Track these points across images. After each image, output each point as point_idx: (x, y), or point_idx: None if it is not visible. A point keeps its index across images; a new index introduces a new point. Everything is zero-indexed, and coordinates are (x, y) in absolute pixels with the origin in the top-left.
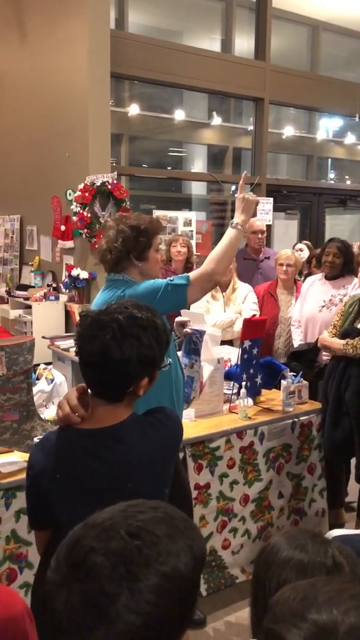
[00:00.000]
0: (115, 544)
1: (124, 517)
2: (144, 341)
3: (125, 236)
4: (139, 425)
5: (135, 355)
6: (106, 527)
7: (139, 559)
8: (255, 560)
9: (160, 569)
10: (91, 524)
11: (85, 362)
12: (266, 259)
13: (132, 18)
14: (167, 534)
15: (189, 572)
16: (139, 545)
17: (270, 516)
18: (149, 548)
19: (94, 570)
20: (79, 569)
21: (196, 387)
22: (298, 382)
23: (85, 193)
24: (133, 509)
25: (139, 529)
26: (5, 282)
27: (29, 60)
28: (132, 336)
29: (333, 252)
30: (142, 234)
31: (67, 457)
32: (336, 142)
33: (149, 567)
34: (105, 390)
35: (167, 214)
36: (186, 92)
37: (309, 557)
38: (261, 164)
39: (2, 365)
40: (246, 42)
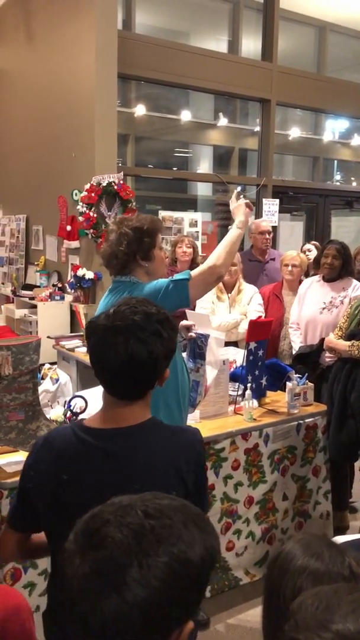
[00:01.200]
0: (130, 519)
1: (142, 499)
2: (165, 335)
3: (130, 239)
4: (157, 428)
5: (161, 351)
6: (124, 505)
7: (151, 536)
8: (269, 567)
9: (171, 549)
10: (110, 503)
11: (109, 369)
12: (271, 260)
13: (139, 19)
14: (182, 522)
15: (199, 562)
16: (152, 524)
17: (275, 518)
18: (162, 529)
19: (107, 540)
20: (93, 538)
21: (201, 391)
22: (303, 384)
23: (92, 193)
24: (152, 496)
25: (155, 510)
26: (10, 281)
27: (36, 60)
28: (154, 334)
29: (332, 254)
30: (146, 234)
31: (81, 457)
32: (343, 144)
33: (160, 545)
34: (131, 392)
35: (172, 215)
36: (192, 93)
37: (325, 566)
38: (267, 165)
39: (9, 365)
40: (253, 43)
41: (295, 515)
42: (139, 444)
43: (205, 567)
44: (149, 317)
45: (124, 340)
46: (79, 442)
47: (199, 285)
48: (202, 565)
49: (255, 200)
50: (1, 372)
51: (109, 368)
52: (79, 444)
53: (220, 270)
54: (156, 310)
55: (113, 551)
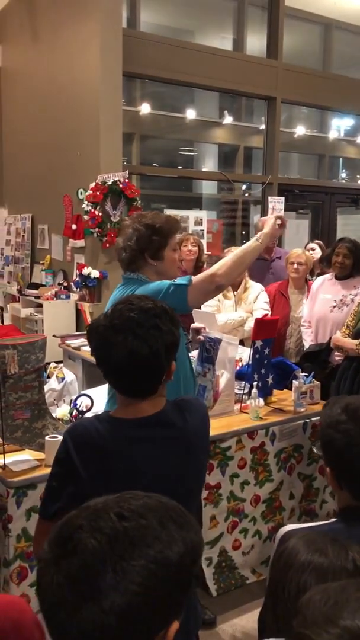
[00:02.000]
0: (102, 524)
1: (116, 501)
2: (164, 328)
3: (140, 235)
4: (177, 407)
5: (162, 345)
6: (97, 509)
7: (125, 539)
8: (273, 563)
9: (148, 551)
10: (84, 507)
11: (114, 369)
12: (277, 258)
13: (144, 17)
14: (159, 521)
15: (179, 561)
16: (126, 526)
17: (281, 517)
18: (137, 530)
19: (79, 547)
20: (66, 546)
21: (209, 397)
22: (310, 382)
23: (97, 192)
24: (127, 496)
25: (129, 511)
26: (16, 280)
27: (41, 59)
28: (153, 328)
29: (343, 252)
30: (157, 233)
31: (119, 445)
32: (348, 142)
33: (135, 548)
34: (140, 389)
35: (178, 213)
36: (197, 91)
37: (329, 561)
38: (273, 163)
39: (14, 364)
40: (258, 41)
41: (301, 514)
42: (172, 425)
43: (186, 565)
44: (146, 312)
45: (123, 338)
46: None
47: (197, 293)
48: (181, 564)
49: (260, 198)
50: (7, 370)
51: (113, 367)
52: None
53: (220, 280)
54: (153, 304)
55: (86, 558)
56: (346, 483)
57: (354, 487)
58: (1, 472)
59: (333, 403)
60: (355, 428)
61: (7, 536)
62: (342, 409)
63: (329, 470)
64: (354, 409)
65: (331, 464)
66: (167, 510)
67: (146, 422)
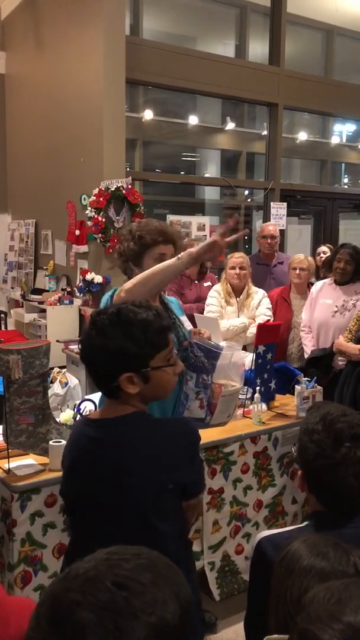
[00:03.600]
0: (102, 597)
1: (108, 566)
2: (109, 335)
3: (123, 239)
4: (144, 420)
5: (109, 344)
6: (90, 578)
7: (127, 610)
8: (275, 567)
9: (149, 620)
10: (73, 576)
11: (84, 361)
12: (279, 264)
13: (147, 24)
14: (153, 582)
15: (176, 621)
16: (125, 596)
17: (284, 522)
18: (137, 598)
19: (79, 626)
20: (63, 626)
21: (192, 406)
22: (312, 387)
23: (100, 198)
24: (116, 557)
25: (125, 578)
26: (20, 286)
27: (44, 66)
28: (100, 331)
29: (345, 258)
30: (135, 240)
31: (74, 443)
32: (350, 147)
33: (137, 620)
34: (96, 382)
35: (180, 219)
36: (200, 97)
37: (331, 566)
38: (275, 168)
39: (19, 369)
40: (260, 48)
41: (304, 519)
42: (122, 433)
43: (183, 622)
44: (117, 313)
45: (90, 330)
46: (76, 430)
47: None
48: (179, 624)
49: (263, 204)
50: (12, 376)
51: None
52: (76, 432)
53: (124, 296)
54: (134, 312)
55: (88, 638)
56: (312, 488)
57: (318, 494)
58: (5, 476)
59: (316, 408)
60: (326, 440)
61: (11, 540)
62: (320, 418)
63: (300, 472)
64: (331, 420)
65: (302, 467)
66: (158, 567)
67: (98, 423)
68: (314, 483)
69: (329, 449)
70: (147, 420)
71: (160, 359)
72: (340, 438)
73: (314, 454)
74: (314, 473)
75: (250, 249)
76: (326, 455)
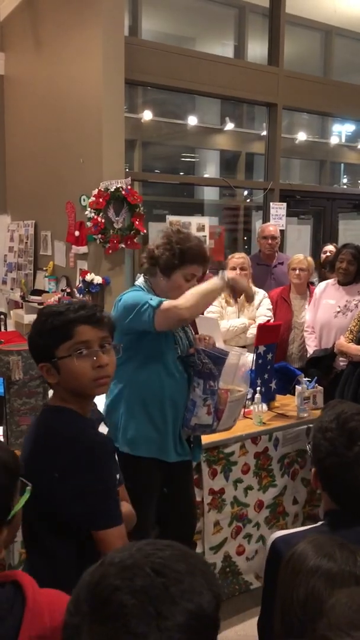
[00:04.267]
0: (140, 582)
1: (144, 554)
2: (33, 325)
3: (163, 245)
4: (44, 420)
5: (29, 339)
6: (128, 565)
7: (166, 596)
8: (281, 567)
9: (187, 606)
10: (108, 562)
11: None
12: (279, 264)
13: (146, 24)
14: (188, 571)
15: (212, 610)
16: (164, 582)
17: (285, 522)
18: (174, 585)
19: (121, 610)
20: (103, 609)
21: (199, 413)
22: (313, 387)
23: (100, 199)
24: (150, 547)
25: (162, 566)
26: (19, 287)
27: (43, 67)
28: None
29: (347, 259)
30: (175, 252)
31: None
32: (349, 147)
33: (176, 605)
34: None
35: (180, 219)
36: (199, 98)
37: (337, 567)
38: (274, 169)
39: (19, 370)
40: (259, 48)
41: (305, 519)
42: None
43: (216, 613)
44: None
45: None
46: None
47: (161, 319)
48: (213, 613)
49: (262, 204)
50: (12, 376)
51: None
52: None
53: (182, 313)
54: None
55: (130, 620)
56: (324, 485)
57: (330, 491)
58: None
59: (331, 407)
60: (340, 438)
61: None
62: (334, 417)
63: (313, 469)
64: (345, 418)
65: (315, 465)
66: (191, 558)
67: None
68: (327, 481)
69: (342, 447)
70: (52, 417)
71: (65, 349)
72: (354, 436)
73: (326, 451)
74: (327, 471)
75: (250, 250)
76: (339, 453)
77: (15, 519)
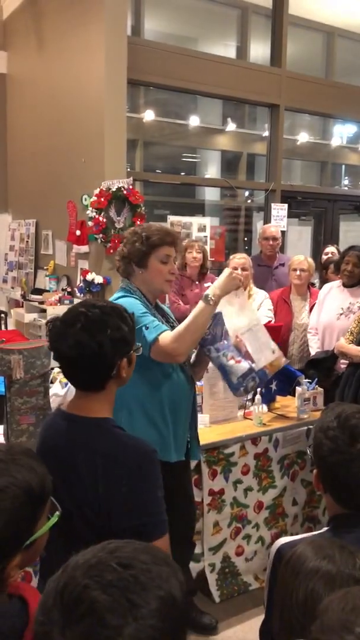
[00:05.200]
0: (109, 576)
1: (107, 552)
2: (111, 324)
3: (128, 241)
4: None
5: (107, 338)
6: (93, 564)
7: (136, 586)
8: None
9: (158, 593)
10: (72, 567)
11: (63, 359)
12: (281, 265)
13: (148, 25)
14: (153, 562)
15: (181, 597)
16: (133, 574)
17: (285, 523)
18: (143, 575)
19: (93, 606)
20: (76, 609)
21: (232, 370)
22: (313, 388)
23: (101, 198)
24: (112, 546)
25: (128, 559)
26: (20, 286)
27: (46, 67)
28: (99, 322)
29: (353, 261)
30: (142, 241)
31: (50, 436)
32: (351, 149)
33: (148, 593)
34: (89, 382)
35: (181, 220)
36: (201, 98)
37: (337, 568)
38: (276, 170)
39: (20, 369)
40: (261, 49)
41: (304, 520)
42: (78, 436)
43: (185, 602)
44: (96, 308)
45: (72, 330)
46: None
47: (157, 355)
48: (183, 600)
49: (263, 205)
50: (13, 375)
51: (63, 358)
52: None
53: (179, 357)
54: (104, 303)
55: (104, 616)
56: (328, 486)
57: (333, 491)
58: None
59: (331, 408)
60: (342, 436)
61: None
62: (335, 416)
63: (315, 471)
64: (346, 417)
65: (317, 466)
66: (153, 550)
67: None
68: (330, 481)
69: (345, 445)
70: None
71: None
72: (355, 433)
73: (329, 450)
74: (329, 469)
75: (250, 250)
76: (341, 451)
77: (35, 543)
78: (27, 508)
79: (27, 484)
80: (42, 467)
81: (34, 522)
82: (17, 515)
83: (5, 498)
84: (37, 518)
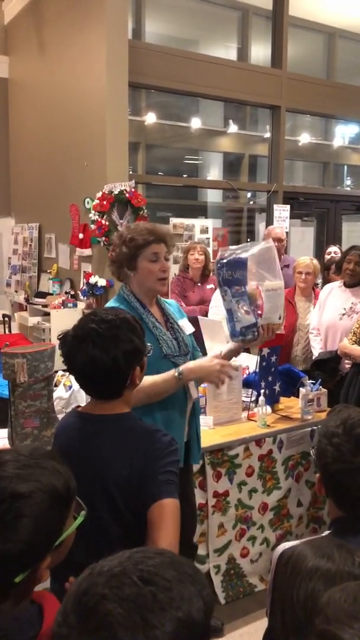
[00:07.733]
0: (128, 590)
1: (133, 563)
2: (122, 337)
3: (116, 246)
4: (126, 421)
5: (121, 352)
6: (116, 574)
7: (154, 605)
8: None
9: (176, 614)
10: (97, 572)
11: (79, 374)
12: (285, 267)
13: (149, 27)
14: (178, 579)
15: (202, 618)
16: (152, 590)
17: (289, 525)
18: (163, 593)
19: (107, 619)
20: (90, 619)
21: (239, 317)
22: (317, 389)
23: (104, 201)
24: (139, 555)
25: (151, 574)
26: (23, 289)
27: (48, 70)
28: (111, 337)
29: (355, 260)
30: (126, 243)
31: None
32: (353, 149)
33: (164, 613)
34: (105, 392)
35: (183, 222)
36: (202, 101)
37: (336, 567)
38: (278, 171)
39: (24, 372)
40: (262, 50)
41: (309, 521)
42: (102, 430)
43: (207, 621)
44: (106, 323)
45: (85, 346)
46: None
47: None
48: (205, 621)
49: (265, 206)
50: (17, 379)
51: (78, 372)
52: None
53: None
54: (114, 316)
55: (117, 631)
56: (330, 492)
57: (335, 497)
58: None
59: (336, 412)
60: (346, 444)
61: None
62: (341, 422)
63: (318, 475)
64: (352, 424)
65: (320, 470)
66: (182, 565)
67: (104, 419)
68: (332, 487)
69: (349, 454)
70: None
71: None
72: None
73: (332, 457)
74: (332, 477)
75: None
76: (345, 460)
77: (63, 542)
78: (54, 511)
79: (53, 488)
80: (65, 468)
81: (61, 523)
82: (46, 519)
83: (32, 504)
84: (65, 519)
